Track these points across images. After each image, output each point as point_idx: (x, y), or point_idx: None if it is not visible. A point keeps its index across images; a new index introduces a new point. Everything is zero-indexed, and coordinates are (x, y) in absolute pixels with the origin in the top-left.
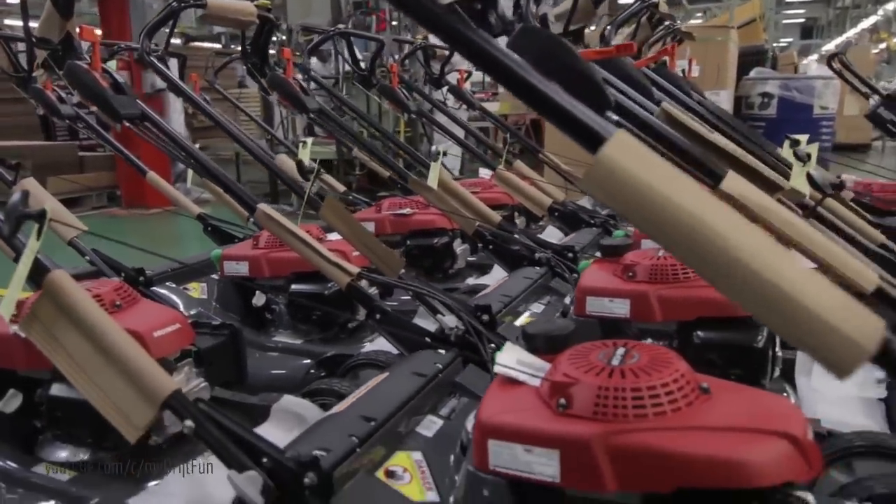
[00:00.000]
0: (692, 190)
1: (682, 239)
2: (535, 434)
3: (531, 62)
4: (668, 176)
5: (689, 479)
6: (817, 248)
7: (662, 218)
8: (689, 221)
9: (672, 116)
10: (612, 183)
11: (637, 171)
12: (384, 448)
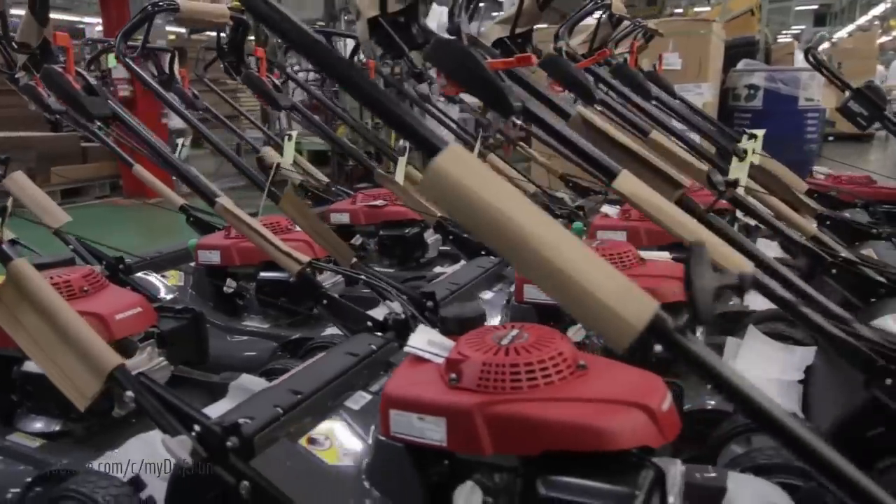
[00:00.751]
0: (509, 196)
1: (497, 236)
2: (427, 404)
3: (445, 70)
4: (490, 184)
5: (554, 442)
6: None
7: (481, 219)
8: (502, 222)
9: (586, 119)
10: (442, 188)
11: (463, 178)
12: (310, 418)
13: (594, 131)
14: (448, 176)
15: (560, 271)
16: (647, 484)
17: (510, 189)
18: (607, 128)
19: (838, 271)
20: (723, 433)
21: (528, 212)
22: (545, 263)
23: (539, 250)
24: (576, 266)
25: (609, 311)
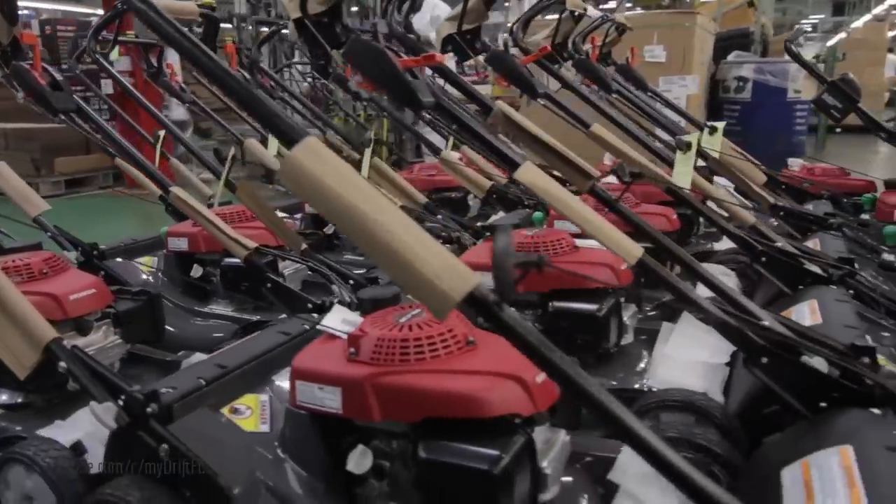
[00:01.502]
0: (355, 185)
1: (343, 220)
2: (326, 375)
3: (360, 69)
4: (339, 174)
5: (434, 410)
6: (591, 227)
7: (330, 206)
8: (347, 209)
9: (505, 114)
10: (296, 176)
11: (314, 168)
12: (235, 390)
13: (512, 125)
14: (302, 166)
15: (394, 251)
16: (515, 448)
17: (357, 180)
18: (524, 121)
19: (767, 260)
20: (634, 411)
21: (370, 199)
22: (381, 244)
23: (376, 232)
24: (406, 246)
25: (431, 284)
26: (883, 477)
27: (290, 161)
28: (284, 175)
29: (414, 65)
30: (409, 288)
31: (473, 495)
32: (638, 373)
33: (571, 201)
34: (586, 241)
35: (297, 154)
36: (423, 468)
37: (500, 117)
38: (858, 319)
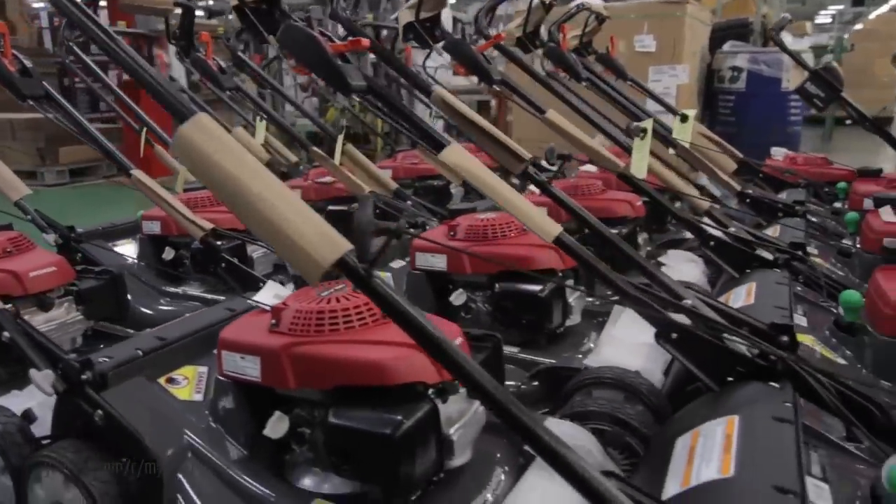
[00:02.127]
0: (240, 160)
1: (226, 193)
2: (247, 345)
3: (292, 53)
4: (225, 149)
5: (344, 378)
6: (510, 206)
7: (215, 179)
8: (230, 182)
9: (443, 99)
10: (186, 151)
11: (203, 144)
12: (174, 362)
13: (450, 109)
14: (191, 141)
15: (270, 221)
16: (417, 415)
17: (244, 156)
18: (460, 106)
19: (716, 244)
20: (569, 387)
21: (254, 174)
22: (259, 214)
23: (256, 204)
24: (282, 217)
25: (304, 251)
26: (759, 443)
27: (179, 137)
28: (176, 149)
29: (344, 49)
30: (284, 255)
31: (376, 458)
32: (583, 352)
33: (494, 182)
34: None
35: (186, 130)
36: (333, 433)
37: (439, 102)
38: (794, 300)
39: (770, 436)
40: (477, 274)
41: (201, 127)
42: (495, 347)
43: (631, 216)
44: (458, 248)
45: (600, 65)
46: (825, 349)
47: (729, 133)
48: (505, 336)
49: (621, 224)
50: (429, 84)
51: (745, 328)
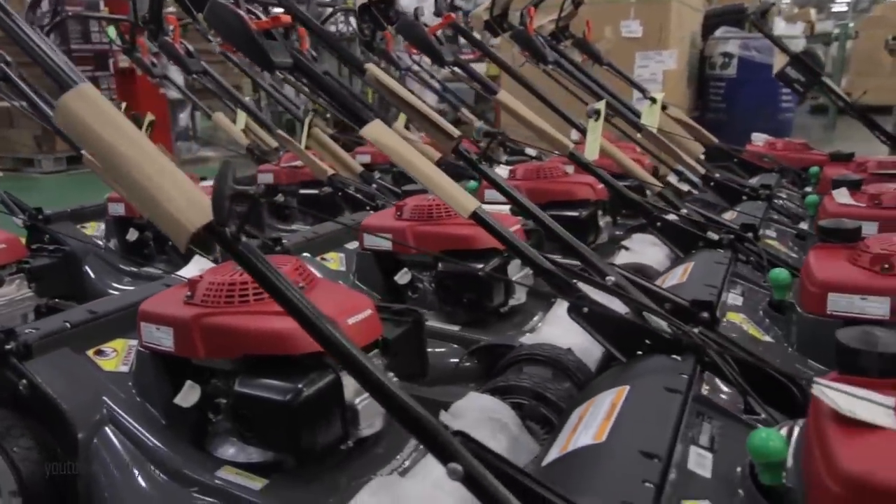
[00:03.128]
0: (119, 129)
1: (105, 160)
2: (162, 316)
3: (218, 31)
4: (105, 118)
5: (250, 347)
6: (428, 182)
7: (95, 147)
8: (108, 150)
9: (377, 77)
10: (66, 119)
11: (83, 114)
12: (104, 334)
13: (383, 87)
14: (73, 110)
15: (144, 187)
16: (319, 383)
17: (124, 126)
18: (393, 84)
19: (662, 225)
20: (502, 364)
21: (129, 142)
22: (134, 181)
23: (130, 171)
24: (154, 183)
25: (173, 216)
26: (641, 412)
27: (62, 105)
28: (58, 118)
29: (268, 26)
30: (155, 219)
31: (276, 425)
32: (527, 331)
33: (412, 157)
34: (494, 206)
35: (68, 99)
36: (237, 400)
37: (373, 80)
38: (732, 280)
39: (654, 405)
40: (421, 254)
41: (84, 96)
42: (415, 322)
43: (592, 199)
44: (401, 227)
45: (577, 49)
46: (753, 327)
47: (720, 119)
48: (452, 315)
49: (582, 207)
50: (361, 61)
51: (667, 305)
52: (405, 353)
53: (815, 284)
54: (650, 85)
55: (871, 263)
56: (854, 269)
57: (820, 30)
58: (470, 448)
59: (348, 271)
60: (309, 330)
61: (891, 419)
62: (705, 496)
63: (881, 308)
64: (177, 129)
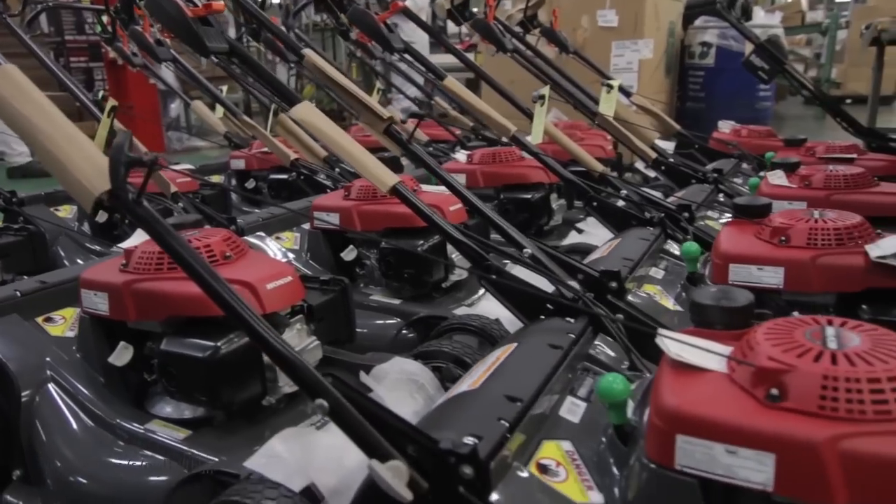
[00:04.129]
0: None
1: (23, 132)
2: (99, 283)
3: (157, 18)
4: (22, 93)
5: (176, 310)
6: (351, 159)
7: (15, 122)
8: (25, 121)
9: (314, 62)
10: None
11: (5, 92)
12: (55, 303)
13: (319, 72)
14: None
15: (54, 155)
16: (237, 342)
17: (39, 101)
18: (328, 69)
19: (598, 204)
20: (433, 333)
21: (42, 115)
22: (46, 150)
23: (43, 141)
24: (64, 152)
25: (79, 182)
26: (519, 364)
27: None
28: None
29: (203, 13)
30: (64, 184)
31: (198, 380)
32: (467, 304)
33: (337, 136)
34: (435, 187)
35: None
36: (162, 358)
37: (311, 65)
38: (654, 255)
39: (534, 358)
40: (367, 231)
41: (5, 76)
42: (341, 291)
43: (545, 182)
44: (347, 207)
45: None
46: (665, 298)
47: (700, 108)
48: (398, 290)
49: (535, 190)
50: (298, 47)
51: (580, 275)
52: (331, 319)
53: (719, 257)
54: (626, 74)
55: (770, 236)
56: (755, 242)
57: (811, 19)
58: (339, 388)
59: (301, 250)
60: (196, 281)
61: (717, 364)
62: (568, 437)
63: (776, 277)
64: (167, 120)
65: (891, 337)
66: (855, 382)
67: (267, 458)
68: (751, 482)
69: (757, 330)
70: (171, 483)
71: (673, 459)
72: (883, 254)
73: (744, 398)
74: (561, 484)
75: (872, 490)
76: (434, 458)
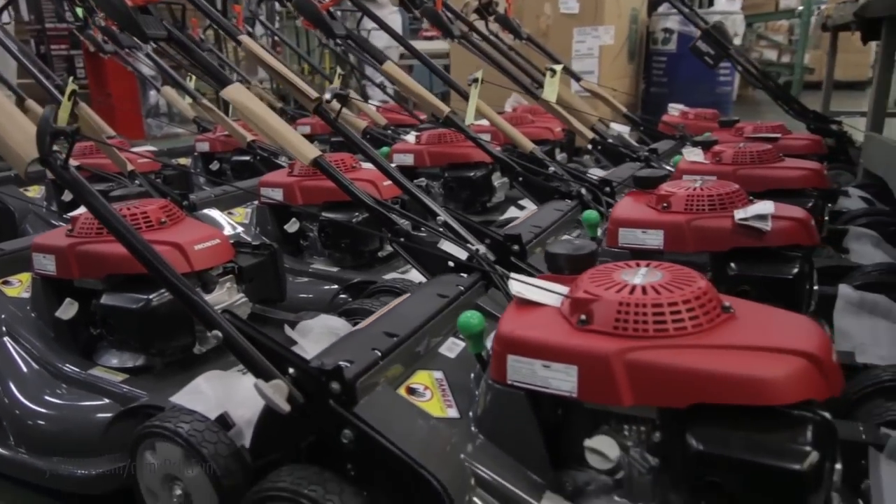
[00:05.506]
0: None
1: None
2: (46, 247)
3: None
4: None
5: (112, 268)
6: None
7: None
8: None
9: (250, 48)
10: None
11: None
12: (13, 269)
13: (253, 56)
14: None
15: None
16: (167, 296)
17: None
18: (261, 52)
19: (524, 180)
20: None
21: None
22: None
23: None
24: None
25: (13, 149)
26: (406, 309)
27: None
28: None
29: (142, 2)
30: (2, 154)
31: (132, 331)
32: (400, 271)
33: (262, 112)
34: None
35: None
36: (103, 311)
37: (248, 50)
38: (568, 224)
39: (420, 305)
40: (309, 205)
41: None
42: (270, 254)
43: (487, 161)
44: (290, 182)
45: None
46: None
47: (663, 93)
48: (340, 259)
49: (476, 169)
50: (236, 32)
51: (486, 240)
52: (262, 280)
53: (612, 222)
54: (588, 59)
55: (656, 203)
56: (643, 209)
57: (784, 5)
58: (232, 322)
59: (251, 224)
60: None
61: (553, 300)
62: (441, 368)
63: (657, 240)
64: (147, 106)
65: (687, 274)
66: (642, 307)
67: (191, 394)
68: (561, 391)
69: (587, 272)
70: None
71: (506, 376)
72: (745, 216)
73: (562, 324)
74: (424, 402)
75: (649, 390)
76: (309, 376)
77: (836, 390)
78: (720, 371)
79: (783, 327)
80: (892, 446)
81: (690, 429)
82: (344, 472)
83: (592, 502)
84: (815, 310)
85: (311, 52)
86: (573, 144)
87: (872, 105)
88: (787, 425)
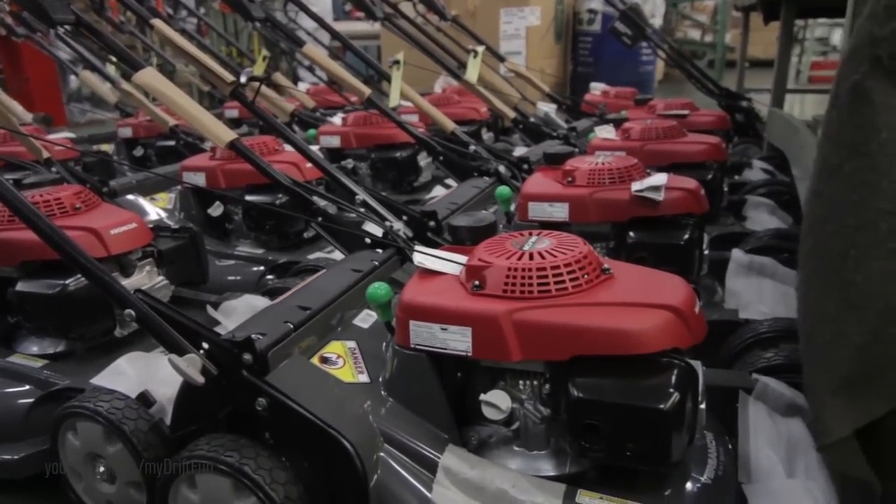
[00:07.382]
0: None
1: None
2: None
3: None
4: None
5: (27, 255)
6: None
7: None
8: None
9: (163, 32)
10: None
11: None
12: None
13: (168, 41)
14: None
15: None
16: (83, 281)
17: None
18: (176, 37)
19: (444, 158)
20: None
21: None
22: None
23: None
24: None
25: None
26: (320, 284)
27: None
28: None
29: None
30: None
31: (49, 316)
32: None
33: (179, 99)
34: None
35: None
36: (20, 298)
37: (161, 34)
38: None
39: (334, 279)
40: (233, 188)
41: None
42: (191, 237)
43: (412, 142)
44: (212, 166)
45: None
46: None
47: (589, 73)
48: (266, 242)
49: (402, 150)
50: (148, 16)
51: (404, 217)
52: (182, 263)
53: (522, 197)
54: (515, 40)
55: (562, 178)
56: (550, 183)
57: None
58: (144, 300)
59: (175, 209)
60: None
61: (452, 269)
62: (354, 338)
63: (562, 212)
64: (68, 91)
65: (572, 241)
66: (528, 272)
67: (112, 375)
68: (457, 350)
69: (483, 242)
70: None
71: (409, 340)
72: (640, 188)
73: (458, 290)
74: (336, 370)
75: (535, 346)
76: (221, 349)
77: (698, 338)
78: (594, 325)
79: (653, 285)
80: (759, 389)
81: (571, 378)
82: (262, 439)
83: (493, 452)
84: (707, 272)
85: (238, 35)
86: (500, 124)
87: (774, 82)
88: (653, 371)
